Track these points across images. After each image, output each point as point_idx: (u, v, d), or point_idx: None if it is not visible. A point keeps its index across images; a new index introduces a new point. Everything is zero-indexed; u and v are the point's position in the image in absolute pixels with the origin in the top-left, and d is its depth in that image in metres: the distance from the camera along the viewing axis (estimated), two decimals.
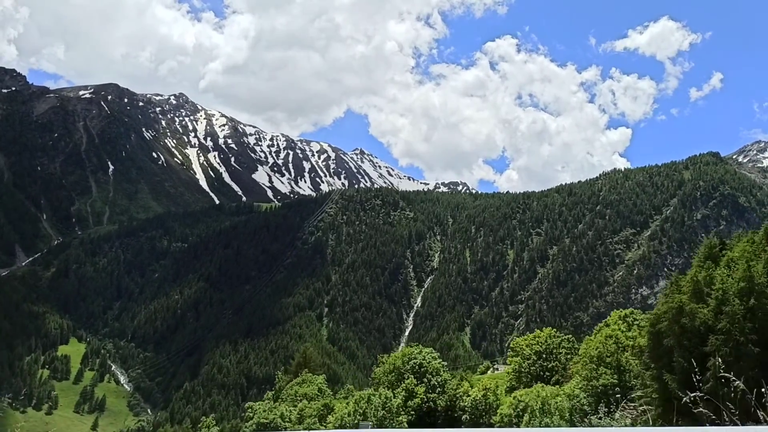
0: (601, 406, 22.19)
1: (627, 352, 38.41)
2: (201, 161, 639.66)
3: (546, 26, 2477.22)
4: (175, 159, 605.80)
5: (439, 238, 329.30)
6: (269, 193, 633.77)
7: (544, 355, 56.70)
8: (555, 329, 69.27)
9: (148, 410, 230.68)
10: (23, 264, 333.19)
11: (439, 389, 41.74)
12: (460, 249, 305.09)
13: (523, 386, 51.07)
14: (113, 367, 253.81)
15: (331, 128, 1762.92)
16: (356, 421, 26.97)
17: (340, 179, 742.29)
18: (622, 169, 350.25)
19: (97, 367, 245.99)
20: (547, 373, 54.60)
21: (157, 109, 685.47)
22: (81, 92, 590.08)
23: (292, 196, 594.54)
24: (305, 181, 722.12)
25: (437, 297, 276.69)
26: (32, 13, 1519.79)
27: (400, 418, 33.44)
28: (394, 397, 33.88)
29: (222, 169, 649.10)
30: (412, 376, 43.15)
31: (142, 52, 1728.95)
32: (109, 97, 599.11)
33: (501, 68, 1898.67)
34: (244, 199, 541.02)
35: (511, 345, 67.48)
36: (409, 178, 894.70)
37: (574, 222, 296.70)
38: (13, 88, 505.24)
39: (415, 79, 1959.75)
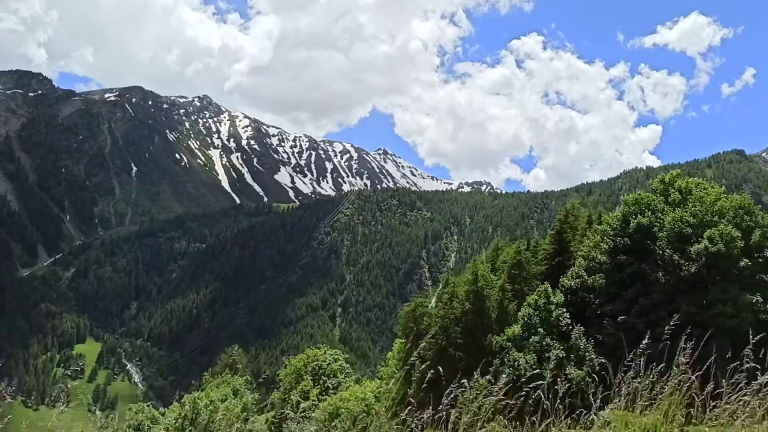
0: None
1: None
2: (224, 162, 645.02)
3: (573, 23, 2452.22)
4: (198, 160, 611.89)
5: (456, 238, 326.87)
6: (291, 193, 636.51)
7: None
8: None
9: (160, 409, 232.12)
10: (45, 264, 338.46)
11: (332, 392, 40.46)
12: (476, 249, 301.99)
13: None
14: (128, 366, 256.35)
15: (356, 128, 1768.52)
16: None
17: (362, 179, 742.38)
18: (644, 168, 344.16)
19: (112, 366, 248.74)
20: None
21: (181, 111, 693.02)
22: (106, 95, 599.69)
23: (313, 196, 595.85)
24: (327, 182, 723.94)
25: None
26: (62, 16, 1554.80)
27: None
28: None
29: (244, 170, 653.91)
30: (310, 378, 42.01)
31: (169, 55, 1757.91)
32: (134, 100, 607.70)
33: (527, 66, 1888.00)
34: (265, 199, 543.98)
35: None
36: (432, 178, 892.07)
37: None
38: (40, 92, 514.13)
39: (440, 78, 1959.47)
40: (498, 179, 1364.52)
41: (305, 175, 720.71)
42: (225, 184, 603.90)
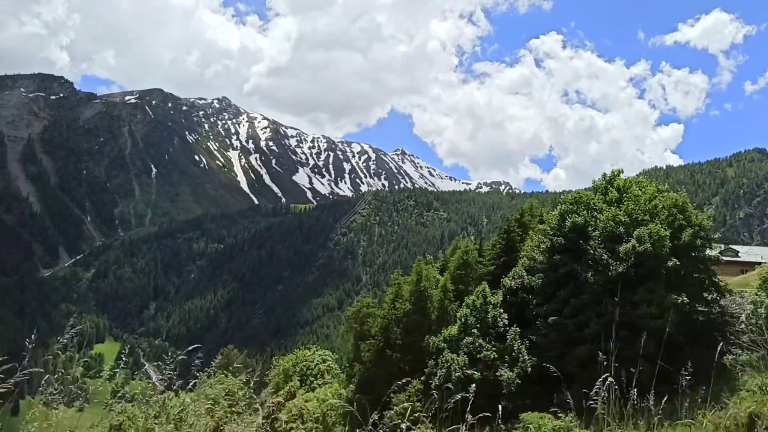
0: None
1: None
2: (242, 164, 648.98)
3: (592, 21, 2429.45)
4: (217, 162, 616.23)
5: (473, 238, 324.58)
6: (309, 194, 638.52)
7: None
8: None
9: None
10: (66, 265, 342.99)
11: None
12: None
13: None
14: (146, 365, 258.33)
15: (375, 129, 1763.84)
16: None
17: (380, 180, 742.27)
18: (664, 167, 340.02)
19: (131, 366, 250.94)
20: None
21: (201, 113, 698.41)
22: (126, 97, 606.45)
23: (331, 197, 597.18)
24: (345, 183, 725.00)
25: None
26: (83, 19, 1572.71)
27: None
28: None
29: (263, 171, 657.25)
30: (297, 378, 41.82)
31: (189, 57, 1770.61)
32: (154, 102, 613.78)
33: (546, 65, 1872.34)
34: (283, 200, 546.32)
35: None
36: (450, 179, 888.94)
37: None
38: (61, 95, 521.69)
39: (458, 78, 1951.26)
40: (517, 179, 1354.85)
41: (323, 176, 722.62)
42: (243, 185, 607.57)
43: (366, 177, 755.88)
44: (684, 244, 31.96)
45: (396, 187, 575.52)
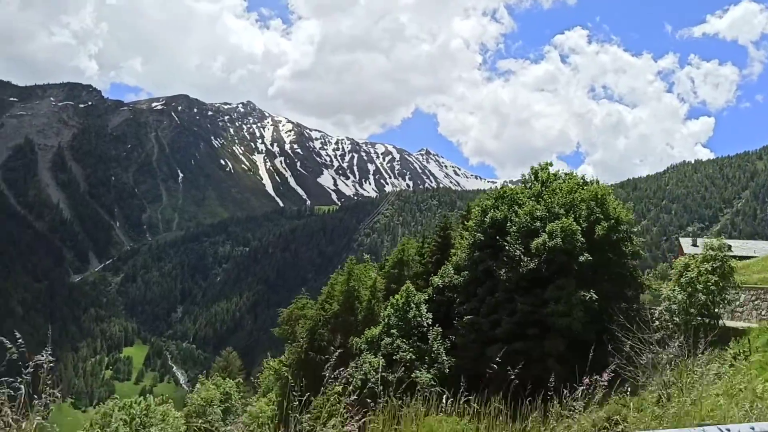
0: None
1: None
2: (267, 167, 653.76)
3: (618, 15, 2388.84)
4: (242, 165, 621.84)
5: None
6: (333, 196, 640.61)
7: None
8: None
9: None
10: (95, 270, 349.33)
11: None
12: None
13: None
14: (174, 368, 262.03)
15: (400, 129, 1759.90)
16: None
17: (404, 180, 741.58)
18: (692, 161, 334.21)
19: (159, 368, 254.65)
20: None
21: (226, 117, 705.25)
22: (153, 104, 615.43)
23: (356, 198, 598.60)
24: (370, 183, 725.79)
25: None
26: (111, 28, 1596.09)
27: None
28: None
29: (288, 174, 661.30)
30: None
31: (214, 62, 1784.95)
32: (180, 108, 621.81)
33: (572, 61, 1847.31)
34: (308, 202, 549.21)
35: None
36: (476, 177, 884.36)
37: (638, 218, 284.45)
38: (90, 103, 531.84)
39: (483, 76, 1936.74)
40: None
41: (348, 178, 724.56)
42: (269, 188, 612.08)
43: (390, 177, 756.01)
44: (598, 239, 30.90)
45: (420, 187, 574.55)
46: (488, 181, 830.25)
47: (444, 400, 8.02)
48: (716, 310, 25.65)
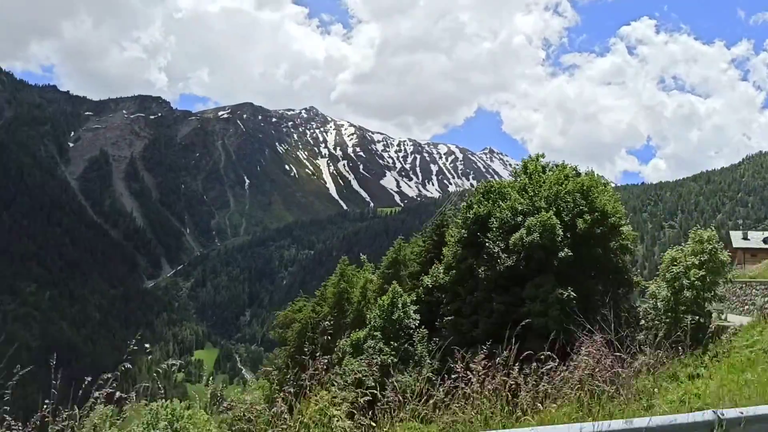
0: None
1: None
2: (331, 170, 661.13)
3: (687, 3, 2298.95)
4: (306, 170, 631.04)
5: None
6: (397, 197, 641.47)
7: None
8: None
9: None
10: (167, 275, 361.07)
11: None
12: None
13: None
14: (243, 370, 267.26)
15: (462, 128, 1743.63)
16: None
17: (468, 180, 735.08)
18: None
19: (228, 371, 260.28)
20: None
21: (289, 123, 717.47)
22: (219, 113, 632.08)
23: (419, 199, 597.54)
24: (433, 184, 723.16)
25: None
26: (179, 41, 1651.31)
27: None
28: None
29: (351, 177, 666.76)
30: None
31: (278, 70, 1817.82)
32: (245, 116, 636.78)
33: (639, 52, 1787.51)
34: (371, 205, 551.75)
35: None
36: None
37: (712, 212, 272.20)
38: (160, 114, 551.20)
39: (546, 72, 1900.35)
40: (614, 172, 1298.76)
41: (410, 179, 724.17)
42: (332, 191, 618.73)
43: (454, 177, 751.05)
44: (581, 233, 28.80)
45: None
46: None
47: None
48: (706, 307, 23.67)
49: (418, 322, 32.47)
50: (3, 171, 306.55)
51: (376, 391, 7.85)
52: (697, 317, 22.32)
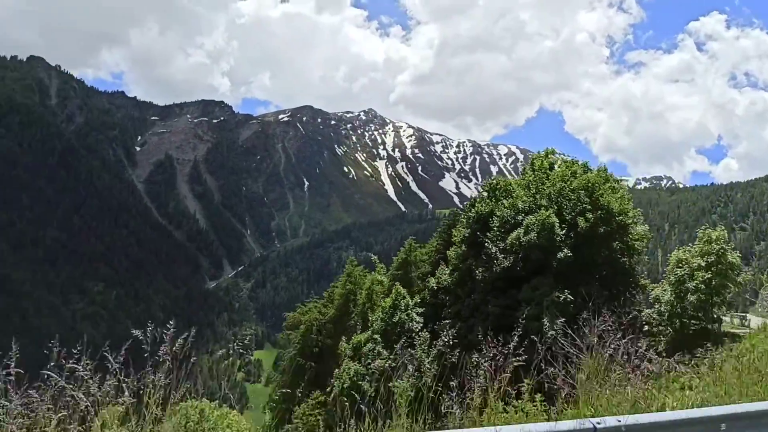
0: None
1: None
2: (389, 172, 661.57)
3: None
4: (365, 172, 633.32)
5: None
6: (456, 199, 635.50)
7: None
8: None
9: None
10: (229, 276, 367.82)
11: None
12: (651, 248, 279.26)
13: None
14: None
15: (523, 129, 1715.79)
16: None
17: None
18: None
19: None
20: None
21: (348, 125, 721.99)
22: (279, 116, 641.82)
23: None
24: None
25: None
26: (241, 46, 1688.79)
27: None
28: None
29: (409, 179, 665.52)
30: None
31: (337, 73, 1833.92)
32: (304, 119, 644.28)
33: (709, 48, 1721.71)
34: (430, 206, 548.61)
35: None
36: None
37: None
38: (222, 118, 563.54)
39: (610, 70, 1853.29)
40: (682, 173, 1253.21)
41: (470, 180, 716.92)
42: (391, 193, 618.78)
43: (514, 178, 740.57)
44: (583, 232, 26.25)
45: None
46: (619, 179, 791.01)
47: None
48: (715, 312, 21.14)
49: (421, 325, 30.96)
50: (74, 175, 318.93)
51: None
52: (702, 323, 20.27)
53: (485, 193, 32.69)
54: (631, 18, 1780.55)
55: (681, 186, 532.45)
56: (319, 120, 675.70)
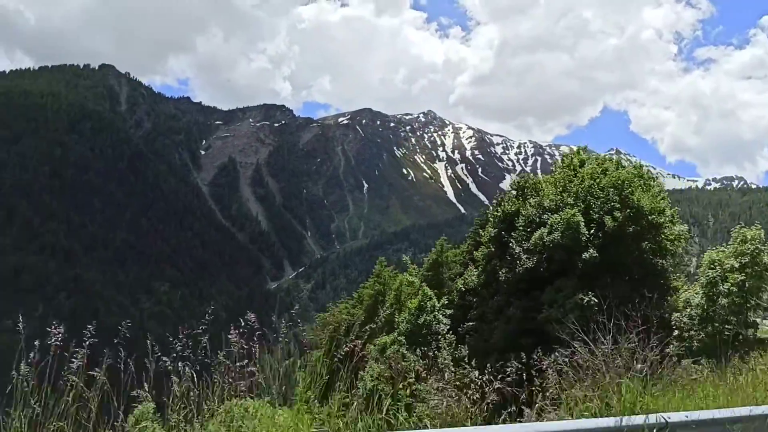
0: None
1: None
2: (448, 174, 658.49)
3: None
4: (424, 174, 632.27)
5: (697, 239, 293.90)
6: None
7: None
8: None
9: None
10: (290, 277, 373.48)
11: None
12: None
13: None
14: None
15: (587, 129, 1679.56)
16: None
17: None
18: None
19: None
20: None
21: (407, 127, 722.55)
22: (339, 119, 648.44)
23: None
24: None
25: None
26: (302, 50, 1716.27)
27: None
28: None
29: (469, 180, 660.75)
30: None
31: (396, 75, 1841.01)
32: (363, 121, 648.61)
33: None
34: (490, 208, 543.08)
35: None
36: (673, 176, 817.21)
37: None
38: (283, 122, 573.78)
39: (678, 67, 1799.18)
40: (755, 173, 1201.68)
41: None
42: (450, 195, 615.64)
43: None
44: (611, 231, 24.98)
45: None
46: (688, 180, 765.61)
47: None
48: (750, 316, 20.51)
49: (447, 327, 30.37)
50: (142, 179, 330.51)
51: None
52: (735, 328, 19.11)
53: (513, 192, 31.77)
54: (699, 13, 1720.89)
55: (753, 186, 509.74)
56: (378, 122, 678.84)
